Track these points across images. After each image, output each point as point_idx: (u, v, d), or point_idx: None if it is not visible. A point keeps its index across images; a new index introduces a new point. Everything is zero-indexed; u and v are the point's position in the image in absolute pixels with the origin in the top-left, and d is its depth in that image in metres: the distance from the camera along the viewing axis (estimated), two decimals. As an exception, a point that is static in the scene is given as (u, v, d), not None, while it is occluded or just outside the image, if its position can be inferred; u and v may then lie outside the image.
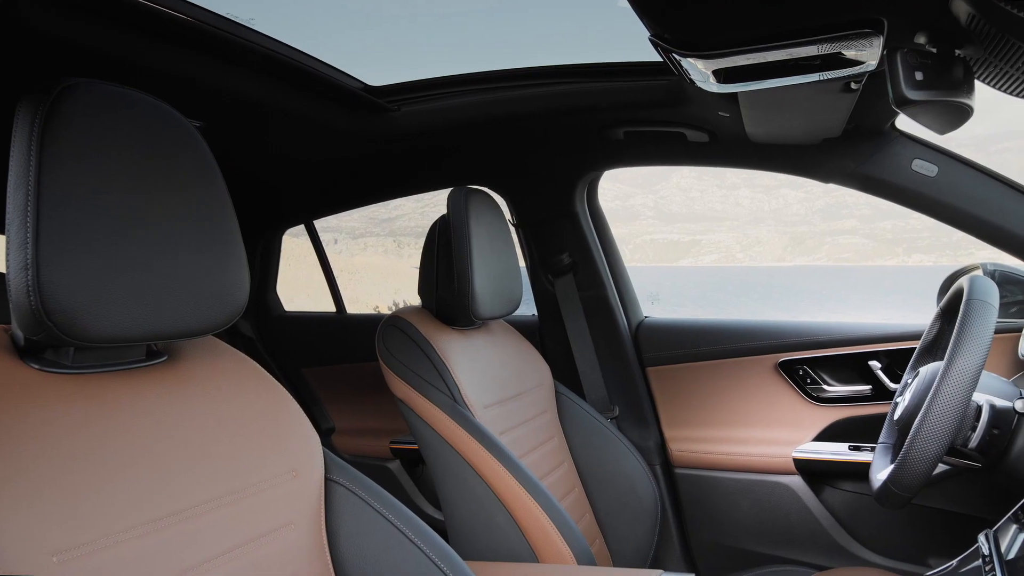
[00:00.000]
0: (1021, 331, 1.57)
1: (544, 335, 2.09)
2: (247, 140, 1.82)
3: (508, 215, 2.06)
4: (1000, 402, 1.17)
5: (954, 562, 1.07)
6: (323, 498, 0.95)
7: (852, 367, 1.83)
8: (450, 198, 1.56)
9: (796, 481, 1.83)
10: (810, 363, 1.86)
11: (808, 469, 1.82)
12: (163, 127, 0.79)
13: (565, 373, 1.98)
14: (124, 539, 0.71)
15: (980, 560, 0.99)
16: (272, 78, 1.44)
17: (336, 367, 2.44)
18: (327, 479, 0.96)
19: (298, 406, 0.98)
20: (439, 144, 1.88)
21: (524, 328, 1.89)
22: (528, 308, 2.12)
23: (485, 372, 1.57)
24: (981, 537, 1.03)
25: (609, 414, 1.97)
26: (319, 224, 2.46)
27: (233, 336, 2.46)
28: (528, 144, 1.91)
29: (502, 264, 1.61)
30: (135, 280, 0.74)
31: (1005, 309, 1.71)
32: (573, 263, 2.02)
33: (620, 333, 2.01)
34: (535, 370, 1.74)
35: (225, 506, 0.82)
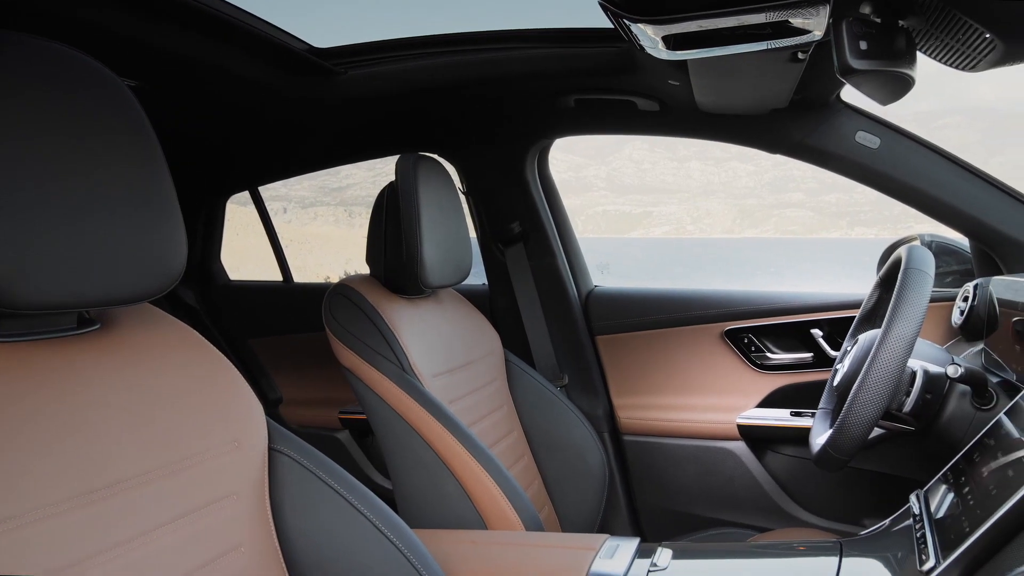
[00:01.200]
0: (955, 300, 1.62)
1: (494, 304, 2.09)
2: (185, 101, 1.75)
3: (458, 183, 2.04)
4: (934, 368, 1.21)
5: (887, 521, 1.11)
6: (267, 469, 0.93)
7: (795, 335, 1.87)
8: (398, 165, 1.53)
9: (740, 447, 1.88)
10: (755, 331, 1.89)
11: (751, 435, 1.87)
12: (93, 85, 0.75)
13: (515, 342, 1.99)
14: (57, 512, 0.69)
15: (911, 519, 1.02)
16: (210, 36, 1.38)
17: (283, 337, 2.40)
18: (271, 449, 0.94)
19: (240, 375, 0.95)
20: (387, 109, 1.84)
21: (474, 297, 1.88)
22: (478, 277, 2.12)
23: (434, 341, 1.56)
24: (912, 497, 1.07)
25: (559, 382, 1.98)
26: (266, 193, 2.40)
27: (176, 306, 2.40)
28: (479, 110, 1.88)
29: (452, 232, 1.59)
30: (63, 245, 0.70)
31: (941, 279, 1.77)
32: (523, 232, 2.01)
33: (570, 302, 2.01)
34: (485, 339, 1.74)
35: (163, 477, 0.80)
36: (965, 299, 1.56)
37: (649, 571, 1.07)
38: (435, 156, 1.64)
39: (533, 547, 1.19)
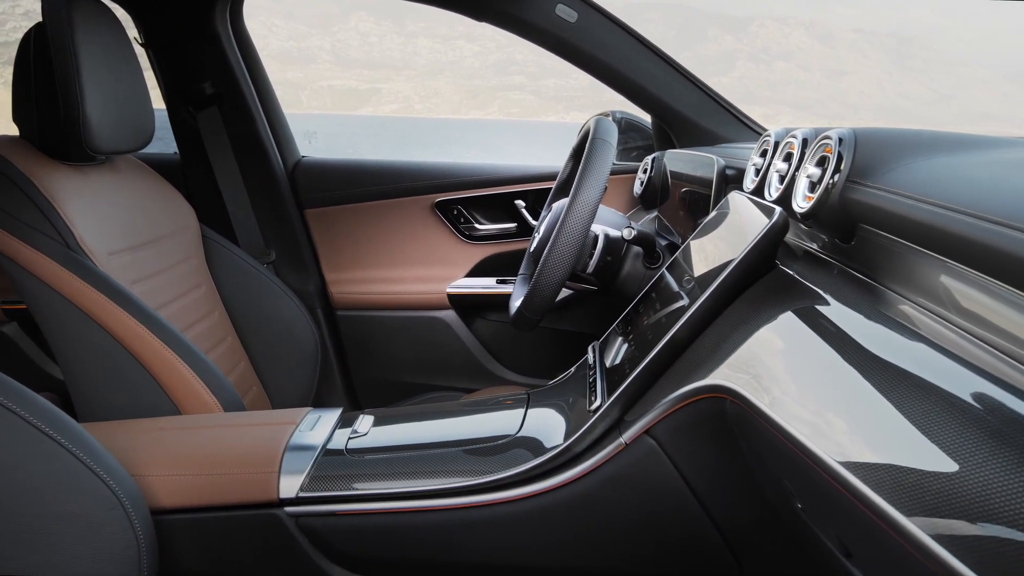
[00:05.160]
0: (637, 172, 1.78)
1: (188, 175, 1.89)
2: None
3: (134, 32, 1.76)
4: (613, 232, 1.32)
5: (571, 370, 1.22)
6: None
7: (501, 206, 1.94)
8: (45, 1, 1.26)
9: (450, 315, 1.94)
10: (464, 203, 1.93)
11: (461, 303, 1.94)
12: None
13: (214, 216, 1.82)
14: None
15: (587, 368, 1.13)
16: None
17: None
18: None
19: None
20: None
21: (164, 168, 1.67)
22: (167, 145, 1.89)
23: (109, 215, 1.36)
24: (589, 349, 1.18)
25: (265, 259, 1.88)
26: None
27: None
28: None
29: (125, 89, 1.37)
30: None
31: (627, 153, 1.92)
32: (218, 94, 1.80)
33: (274, 173, 1.88)
34: (176, 213, 1.57)
35: None
36: (645, 171, 1.72)
37: (350, 438, 1.08)
38: None
39: (230, 427, 1.13)
